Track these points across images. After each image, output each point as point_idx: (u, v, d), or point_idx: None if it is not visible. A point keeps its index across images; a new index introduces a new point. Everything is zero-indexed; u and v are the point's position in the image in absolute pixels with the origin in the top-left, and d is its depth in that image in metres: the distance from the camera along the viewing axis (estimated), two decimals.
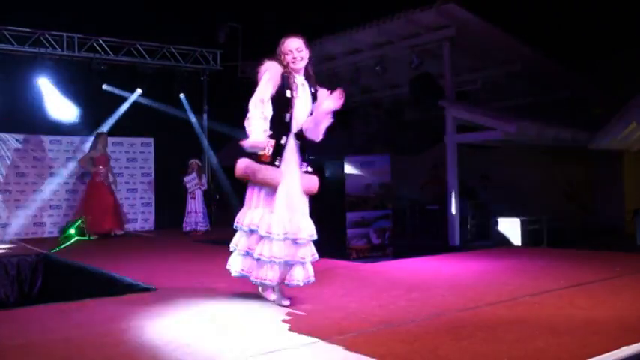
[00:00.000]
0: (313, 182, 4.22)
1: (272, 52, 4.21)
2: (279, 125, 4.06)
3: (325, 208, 4.30)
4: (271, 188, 4.02)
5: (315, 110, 4.16)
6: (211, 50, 12.66)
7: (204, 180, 11.47)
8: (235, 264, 4.18)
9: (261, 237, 3.99)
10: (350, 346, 3.06)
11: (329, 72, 10.99)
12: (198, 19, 12.46)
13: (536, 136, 9.10)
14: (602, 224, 10.45)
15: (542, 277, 5.32)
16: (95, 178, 10.57)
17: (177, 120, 12.42)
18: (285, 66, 4.11)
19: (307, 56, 4.18)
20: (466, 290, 4.67)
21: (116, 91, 11.82)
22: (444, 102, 9.22)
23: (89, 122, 11.61)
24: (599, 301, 4.15)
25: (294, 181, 4.10)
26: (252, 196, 4.12)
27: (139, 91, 11.98)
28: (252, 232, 4.05)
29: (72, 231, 10.52)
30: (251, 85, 4.16)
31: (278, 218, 3.99)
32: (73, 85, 11.28)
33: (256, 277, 4.05)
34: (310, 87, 4.23)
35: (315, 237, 4.15)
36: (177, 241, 9.87)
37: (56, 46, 11.01)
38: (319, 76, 4.45)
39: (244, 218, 4.10)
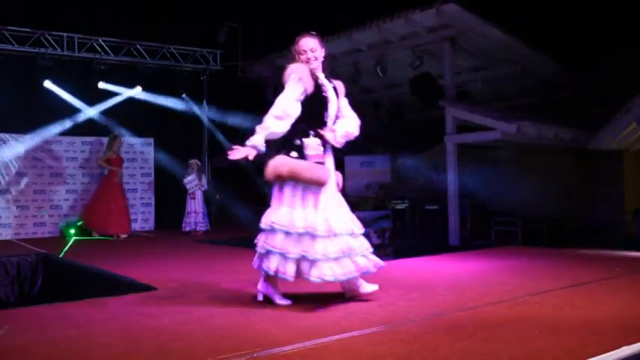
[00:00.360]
0: (340, 178, 4.30)
1: (271, 52, 4.23)
2: (318, 124, 4.10)
3: None
4: (318, 186, 3.97)
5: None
6: (211, 50, 12.68)
7: (204, 180, 11.49)
8: (289, 269, 3.95)
9: (317, 237, 3.89)
10: (350, 346, 3.07)
11: (329, 72, 10.98)
12: (199, 19, 12.47)
13: (537, 136, 9.10)
14: (602, 224, 10.45)
15: (542, 277, 5.32)
16: (112, 178, 10.70)
17: (177, 120, 12.43)
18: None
19: (322, 55, 4.22)
20: (466, 290, 4.68)
21: (112, 88, 11.78)
22: (444, 102, 9.22)
23: (89, 122, 11.63)
24: (598, 301, 4.15)
25: (332, 177, 4.15)
26: (295, 196, 4.00)
27: (138, 88, 11.95)
28: (304, 234, 3.90)
29: (72, 231, 10.54)
30: (251, 86, 4.20)
31: (334, 215, 3.99)
32: (73, 85, 11.29)
33: (319, 277, 3.90)
34: (331, 82, 4.31)
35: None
36: (177, 241, 9.88)
37: (56, 46, 11.02)
38: None
39: (290, 219, 3.93)
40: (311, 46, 4.15)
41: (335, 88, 4.31)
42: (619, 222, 10.19)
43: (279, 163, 3.98)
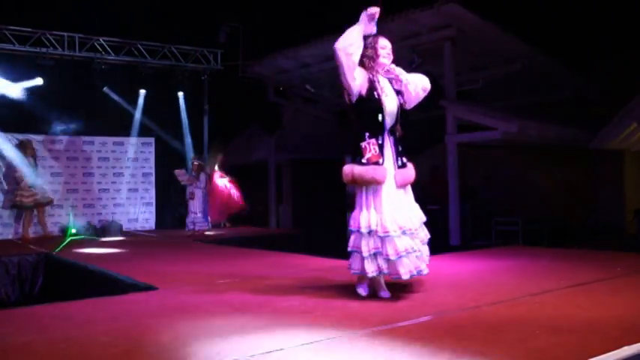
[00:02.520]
0: (407, 174, 4.31)
1: (272, 51, 4.28)
2: (375, 126, 4.25)
3: (325, 207, 4.34)
4: (375, 186, 4.18)
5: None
6: (212, 50, 12.67)
7: (202, 178, 11.43)
8: (368, 267, 4.17)
9: (381, 237, 4.10)
10: (350, 346, 3.06)
11: (330, 71, 10.98)
12: (199, 19, 12.47)
13: (537, 135, 9.09)
14: (602, 224, 10.44)
15: (543, 277, 5.31)
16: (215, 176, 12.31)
17: (178, 119, 12.44)
18: (373, 60, 4.33)
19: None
20: (466, 290, 4.67)
21: (114, 96, 11.81)
22: (445, 102, 9.22)
23: (90, 122, 11.65)
24: (599, 301, 4.15)
25: (391, 177, 4.25)
26: (362, 198, 4.25)
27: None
28: (370, 233, 4.14)
29: (73, 230, 10.55)
30: (252, 85, 4.24)
31: (388, 217, 4.12)
32: (74, 85, 11.30)
33: (391, 275, 4.15)
34: (392, 83, 4.39)
35: (415, 230, 4.23)
36: (177, 240, 9.88)
37: (57, 46, 11.03)
38: (320, 76, 4.53)
39: (361, 220, 4.19)
40: (389, 45, 4.41)
41: (393, 81, 4.40)
42: (619, 222, 10.20)
43: (344, 173, 4.30)
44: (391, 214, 4.14)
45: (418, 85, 4.48)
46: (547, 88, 11.12)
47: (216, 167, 12.64)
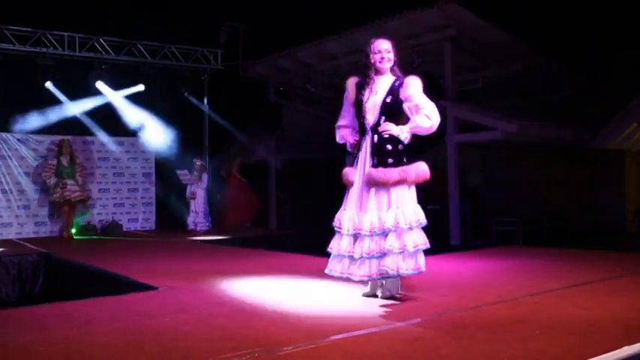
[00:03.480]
0: (374, 175, 4.12)
1: (272, 51, 4.28)
2: (360, 128, 4.37)
3: (326, 208, 4.38)
4: (348, 186, 4.30)
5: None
6: (212, 50, 12.67)
7: (204, 178, 11.43)
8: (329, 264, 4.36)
9: (336, 232, 4.25)
10: (350, 346, 3.07)
11: (330, 71, 10.99)
12: (199, 19, 12.47)
13: (537, 135, 9.09)
14: (602, 224, 10.44)
15: (543, 277, 5.32)
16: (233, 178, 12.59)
17: (178, 119, 12.43)
18: (368, 67, 4.34)
19: (394, 59, 4.36)
20: (467, 290, 4.68)
21: (107, 88, 11.83)
22: (445, 102, 9.22)
23: (90, 122, 11.65)
24: (599, 301, 4.15)
25: (361, 177, 4.27)
26: (345, 197, 4.38)
27: (141, 86, 11.99)
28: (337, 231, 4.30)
29: (73, 230, 10.55)
30: (252, 85, 4.24)
31: (348, 214, 4.22)
32: (74, 85, 11.29)
33: (342, 273, 4.23)
34: (395, 81, 4.31)
35: (383, 231, 4.09)
36: (177, 240, 9.87)
37: (57, 46, 11.03)
38: (320, 76, 4.55)
39: (336, 217, 4.32)
40: (386, 47, 4.33)
41: (394, 85, 4.27)
42: (619, 222, 10.20)
43: None
44: (351, 213, 4.19)
45: (413, 113, 4.22)
46: (547, 88, 11.11)
47: (233, 170, 12.73)
